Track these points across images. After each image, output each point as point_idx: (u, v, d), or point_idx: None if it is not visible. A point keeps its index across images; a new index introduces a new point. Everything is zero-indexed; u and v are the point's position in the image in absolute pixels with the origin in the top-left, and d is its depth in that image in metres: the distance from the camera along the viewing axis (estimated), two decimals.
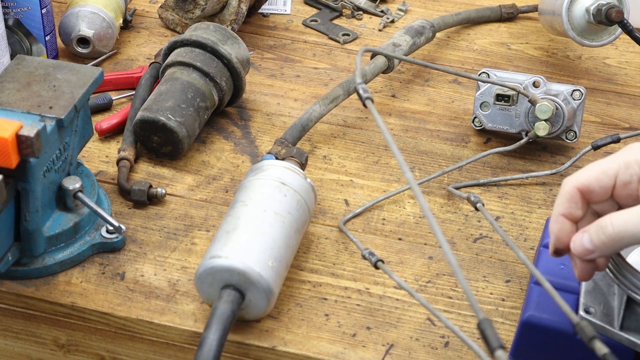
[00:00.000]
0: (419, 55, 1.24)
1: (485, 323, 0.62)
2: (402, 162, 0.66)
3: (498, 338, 0.61)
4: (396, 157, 0.67)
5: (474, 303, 0.62)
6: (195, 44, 1.05)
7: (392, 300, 0.87)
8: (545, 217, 0.97)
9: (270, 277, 0.79)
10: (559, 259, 0.81)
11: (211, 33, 1.07)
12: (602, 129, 1.13)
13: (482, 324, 0.62)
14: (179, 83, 1.02)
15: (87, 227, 0.89)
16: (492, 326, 0.62)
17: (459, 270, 0.62)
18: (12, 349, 0.90)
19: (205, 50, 1.05)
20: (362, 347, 0.82)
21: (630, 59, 1.27)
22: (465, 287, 0.62)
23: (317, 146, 1.06)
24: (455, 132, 1.10)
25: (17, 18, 1.12)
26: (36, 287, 0.86)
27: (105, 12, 1.17)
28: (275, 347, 0.82)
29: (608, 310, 0.76)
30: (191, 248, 0.91)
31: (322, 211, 0.97)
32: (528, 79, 1.03)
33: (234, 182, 1.00)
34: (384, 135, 0.71)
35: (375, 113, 0.74)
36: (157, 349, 0.85)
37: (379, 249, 0.92)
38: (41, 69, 0.89)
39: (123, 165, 0.99)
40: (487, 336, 0.61)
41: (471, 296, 0.62)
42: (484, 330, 0.61)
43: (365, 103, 0.76)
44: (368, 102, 0.76)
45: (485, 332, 0.61)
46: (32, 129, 0.78)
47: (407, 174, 0.66)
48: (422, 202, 0.64)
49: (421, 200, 0.64)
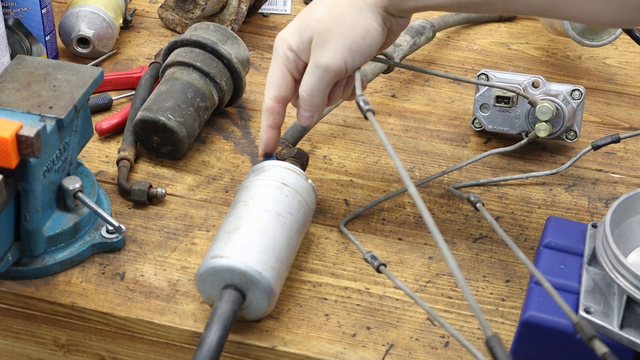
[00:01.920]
0: (419, 55, 1.25)
1: (494, 340, 0.62)
2: (406, 176, 0.66)
3: (507, 354, 0.61)
4: (399, 172, 0.67)
5: (482, 320, 0.62)
6: (195, 44, 1.05)
7: (392, 300, 0.87)
8: (545, 217, 0.97)
9: (271, 278, 0.79)
10: (558, 259, 0.82)
11: (211, 33, 1.07)
12: (602, 129, 1.13)
13: (491, 341, 0.62)
14: (179, 83, 1.02)
15: (87, 227, 0.89)
16: (501, 343, 0.62)
17: (467, 290, 0.62)
18: (12, 349, 0.90)
19: (205, 50, 1.05)
20: (362, 347, 0.82)
21: (630, 59, 1.27)
22: (473, 305, 0.63)
23: (317, 146, 1.06)
24: (455, 132, 1.10)
25: (17, 18, 1.12)
26: (36, 287, 0.86)
27: (105, 12, 1.17)
28: (275, 347, 0.82)
29: (608, 310, 0.76)
30: (191, 248, 0.91)
31: (322, 211, 0.97)
32: (527, 79, 1.03)
33: (234, 182, 1.00)
34: (387, 149, 0.71)
35: (376, 125, 0.74)
36: (157, 349, 0.85)
37: (379, 249, 0.92)
38: (41, 69, 0.89)
39: (123, 165, 0.99)
40: (496, 353, 0.62)
41: (479, 313, 0.62)
42: (492, 347, 0.62)
43: (366, 115, 0.76)
44: (369, 115, 0.76)
45: (494, 350, 0.62)
46: (32, 129, 0.78)
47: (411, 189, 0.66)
48: (420, 206, 0.64)
49: (420, 205, 0.64)
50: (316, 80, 0.83)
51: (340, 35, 0.81)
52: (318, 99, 0.85)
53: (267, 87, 0.87)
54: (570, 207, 0.99)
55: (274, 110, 0.87)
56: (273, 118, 0.87)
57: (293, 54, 0.85)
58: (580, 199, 1.01)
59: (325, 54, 0.82)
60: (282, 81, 0.86)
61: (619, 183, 1.03)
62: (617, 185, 1.03)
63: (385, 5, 0.81)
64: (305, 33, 0.83)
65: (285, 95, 0.87)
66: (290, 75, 0.86)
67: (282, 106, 0.87)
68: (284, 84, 0.86)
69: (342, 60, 0.82)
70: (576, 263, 0.81)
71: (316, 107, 0.86)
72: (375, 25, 0.81)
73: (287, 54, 0.85)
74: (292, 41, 0.84)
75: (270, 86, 0.87)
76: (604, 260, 0.77)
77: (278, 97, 0.87)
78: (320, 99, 0.85)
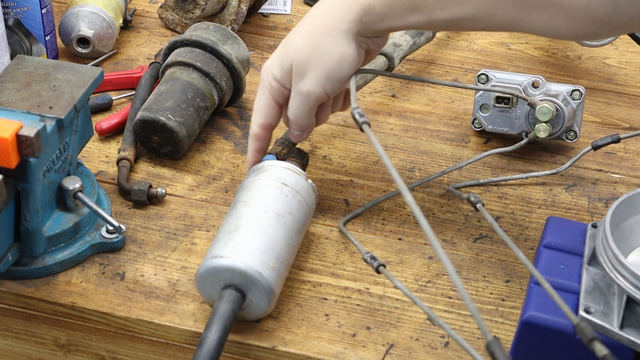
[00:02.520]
0: (419, 55, 1.25)
1: (494, 344, 0.62)
2: (403, 186, 0.66)
3: (507, 357, 0.62)
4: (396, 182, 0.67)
5: (481, 324, 0.63)
6: (195, 44, 1.05)
7: (392, 300, 0.87)
8: (545, 217, 0.97)
9: (271, 278, 0.79)
10: (558, 259, 0.82)
11: (211, 33, 1.07)
12: (602, 129, 1.13)
13: (491, 345, 0.62)
14: (179, 83, 1.02)
15: (87, 227, 0.89)
16: (501, 346, 0.63)
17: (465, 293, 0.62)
18: (12, 349, 0.90)
19: (205, 50, 1.05)
20: (362, 347, 0.82)
21: (630, 59, 1.27)
22: (471, 309, 0.63)
23: (317, 146, 1.06)
24: (455, 132, 1.10)
25: (17, 18, 1.12)
26: (36, 287, 0.86)
27: (105, 12, 1.17)
28: (275, 347, 0.82)
29: (608, 310, 0.76)
30: (191, 248, 0.91)
31: (322, 211, 0.97)
32: (527, 80, 1.03)
33: (234, 182, 1.00)
34: (383, 160, 0.71)
35: (372, 137, 0.75)
36: (157, 349, 0.85)
37: (379, 249, 0.92)
38: (41, 69, 0.89)
39: (123, 165, 0.99)
40: (496, 357, 0.62)
41: (478, 317, 0.63)
42: (493, 352, 0.62)
43: (362, 128, 0.77)
44: (365, 127, 0.77)
45: (495, 354, 0.62)
46: (32, 129, 0.78)
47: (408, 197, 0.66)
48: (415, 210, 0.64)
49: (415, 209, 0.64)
50: (300, 105, 0.89)
51: (317, 65, 0.86)
52: (304, 121, 0.90)
53: (254, 114, 0.92)
54: (570, 207, 0.99)
55: (260, 137, 0.93)
56: (259, 143, 0.93)
57: (277, 84, 0.90)
58: (580, 199, 1.01)
59: (306, 82, 0.87)
60: (269, 109, 0.91)
61: (619, 183, 1.03)
62: (617, 185, 1.03)
63: (357, 30, 0.85)
64: (286, 63, 0.88)
65: (271, 122, 0.92)
66: (275, 104, 0.91)
67: (268, 132, 0.93)
68: (270, 112, 0.91)
69: (321, 88, 0.87)
70: (576, 263, 0.81)
71: (304, 128, 0.92)
72: (349, 51, 0.85)
73: (272, 84, 0.90)
74: (276, 71, 0.89)
75: (257, 113, 0.92)
76: (604, 260, 0.77)
77: (264, 124, 0.92)
78: (307, 121, 0.91)
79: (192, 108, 1.01)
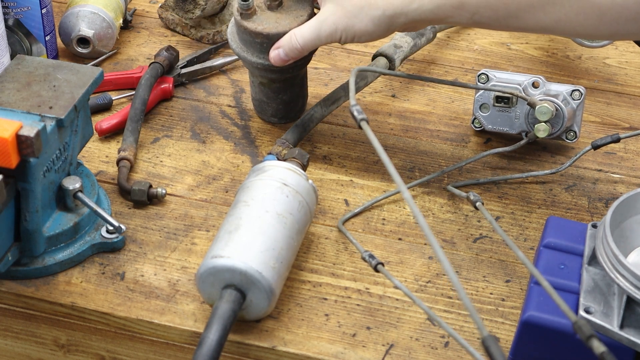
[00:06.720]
0: (420, 55, 1.24)
1: (490, 340, 0.62)
2: (401, 183, 0.66)
3: (503, 355, 0.62)
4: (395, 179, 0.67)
5: (477, 320, 0.63)
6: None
7: (392, 300, 0.87)
8: (545, 217, 0.97)
9: (271, 278, 0.79)
10: (558, 259, 0.82)
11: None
12: (602, 129, 1.13)
13: (487, 341, 0.63)
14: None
15: (87, 227, 0.89)
16: (497, 343, 0.63)
17: (462, 292, 0.62)
18: (12, 349, 0.90)
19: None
20: (362, 347, 0.82)
21: (630, 59, 1.27)
22: (468, 305, 0.63)
23: (317, 146, 1.06)
24: (455, 132, 1.10)
25: (17, 18, 1.12)
26: (36, 287, 0.86)
27: (105, 12, 1.17)
28: (275, 347, 0.82)
29: (608, 310, 0.76)
30: (191, 248, 0.91)
31: (322, 211, 0.97)
32: (527, 80, 1.03)
33: (234, 182, 1.00)
34: (381, 157, 0.71)
35: (370, 134, 0.75)
36: (157, 349, 0.85)
37: (378, 249, 0.92)
38: (41, 69, 0.89)
39: (123, 165, 0.99)
40: (492, 353, 0.62)
41: (474, 314, 0.63)
42: (488, 347, 0.62)
43: (360, 125, 0.77)
44: (363, 124, 0.77)
45: (490, 349, 0.62)
46: (32, 129, 0.78)
47: (405, 193, 0.66)
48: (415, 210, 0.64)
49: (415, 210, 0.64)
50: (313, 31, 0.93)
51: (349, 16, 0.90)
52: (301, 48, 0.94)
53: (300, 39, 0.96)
54: (570, 207, 0.99)
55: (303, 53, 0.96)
56: None
57: None
58: (580, 199, 1.01)
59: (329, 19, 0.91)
60: None
61: (619, 183, 1.03)
62: (617, 185, 1.03)
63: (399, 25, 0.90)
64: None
65: None
66: None
67: None
68: None
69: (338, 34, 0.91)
70: (576, 263, 0.81)
71: (295, 55, 0.95)
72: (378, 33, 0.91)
73: None
74: None
75: None
76: (604, 260, 0.77)
77: None
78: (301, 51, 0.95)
79: None
